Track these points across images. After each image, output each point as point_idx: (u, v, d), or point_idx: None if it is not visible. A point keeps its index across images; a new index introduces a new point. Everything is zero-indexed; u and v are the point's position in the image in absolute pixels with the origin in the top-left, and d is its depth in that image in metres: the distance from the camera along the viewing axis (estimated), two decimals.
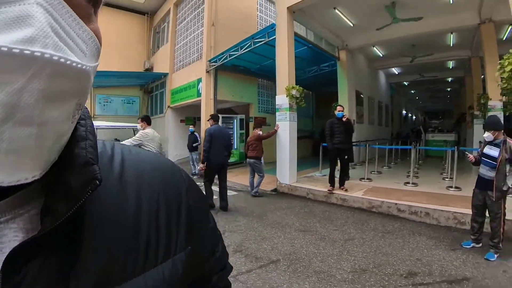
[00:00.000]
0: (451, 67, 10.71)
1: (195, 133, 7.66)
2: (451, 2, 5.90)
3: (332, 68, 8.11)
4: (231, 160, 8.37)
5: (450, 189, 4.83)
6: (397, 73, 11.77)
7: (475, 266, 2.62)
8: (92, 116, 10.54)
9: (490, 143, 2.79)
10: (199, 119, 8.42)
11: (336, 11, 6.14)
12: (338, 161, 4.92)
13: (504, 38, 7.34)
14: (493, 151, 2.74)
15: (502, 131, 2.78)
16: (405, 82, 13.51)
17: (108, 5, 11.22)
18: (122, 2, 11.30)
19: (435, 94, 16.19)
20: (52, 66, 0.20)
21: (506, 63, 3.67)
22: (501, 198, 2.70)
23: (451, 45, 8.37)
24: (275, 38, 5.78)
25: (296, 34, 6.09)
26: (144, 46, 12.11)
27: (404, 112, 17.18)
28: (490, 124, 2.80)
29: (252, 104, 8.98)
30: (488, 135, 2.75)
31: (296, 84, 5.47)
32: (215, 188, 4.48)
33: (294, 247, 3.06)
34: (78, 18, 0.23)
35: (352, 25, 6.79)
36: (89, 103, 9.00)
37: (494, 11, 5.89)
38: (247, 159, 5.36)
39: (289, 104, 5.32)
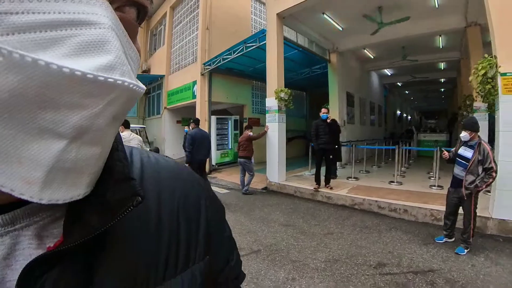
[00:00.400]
0: (442, 68, 10.92)
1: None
2: (437, 6, 6.10)
3: (324, 70, 8.32)
4: (226, 160, 8.64)
5: (433, 187, 5.03)
6: (389, 74, 11.98)
7: (443, 260, 2.79)
8: None
9: (465, 144, 2.91)
10: None
11: (325, 16, 6.35)
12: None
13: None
14: (468, 152, 2.86)
15: (478, 133, 2.90)
16: (398, 83, 13.72)
17: None
18: None
19: (429, 94, 16.41)
20: (127, 93, 0.20)
21: (480, 67, 3.79)
22: (470, 196, 2.83)
23: (441, 47, 8.56)
24: (266, 43, 5.99)
25: (286, 39, 6.31)
26: (141, 48, 12.30)
27: (398, 112, 17.40)
28: (468, 125, 2.90)
29: (246, 106, 9.20)
30: (464, 135, 2.88)
31: (290, 86, 5.69)
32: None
33: (276, 239, 3.29)
34: (130, 39, 0.24)
35: (341, 29, 7.00)
36: None
37: (480, 14, 6.05)
38: (238, 159, 5.59)
39: (278, 106, 5.54)
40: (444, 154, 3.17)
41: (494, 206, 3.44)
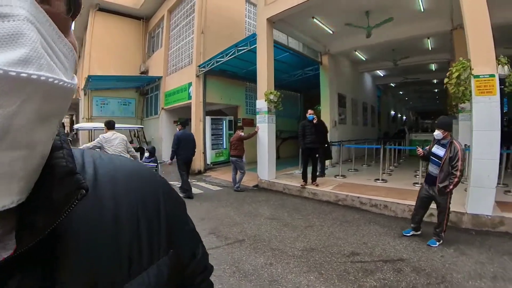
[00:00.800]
0: (434, 70, 11.15)
1: None
2: (422, 10, 6.31)
3: (316, 72, 8.55)
4: (221, 159, 8.89)
5: (416, 185, 5.19)
6: (382, 75, 12.23)
7: (414, 251, 2.96)
8: (89, 117, 10.86)
9: (438, 142, 3.02)
10: (190, 120, 8.89)
11: (315, 20, 6.58)
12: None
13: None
14: (440, 151, 2.97)
15: (451, 132, 3.01)
16: (391, 84, 13.96)
17: (105, 10, 11.72)
18: (119, 8, 11.79)
19: (423, 95, 16.64)
20: (47, 88, 0.19)
21: (454, 70, 3.90)
22: (445, 194, 2.94)
23: (430, 49, 8.76)
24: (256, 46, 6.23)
25: (277, 42, 6.55)
26: (140, 50, 12.59)
27: (393, 112, 17.62)
28: (441, 124, 3.01)
29: (240, 106, 9.44)
30: (438, 133, 2.99)
31: (284, 87, 5.86)
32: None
33: (260, 231, 3.55)
34: (60, 32, 0.23)
35: (331, 32, 7.24)
36: (86, 105, 9.31)
37: None
38: (230, 158, 5.84)
39: (268, 107, 5.79)
40: (419, 150, 3.25)
41: (469, 202, 3.65)
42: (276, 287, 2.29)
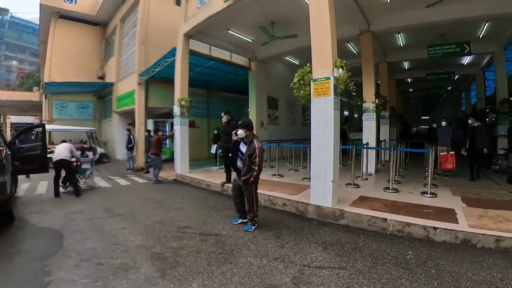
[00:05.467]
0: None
1: (130, 135, 9.10)
2: None
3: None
4: (163, 157, 9.81)
5: (305, 180, 5.69)
6: None
7: (236, 231, 3.30)
8: (50, 119, 11.81)
9: (243, 140, 3.41)
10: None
11: (230, 32, 7.34)
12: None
13: (402, 45, 8.59)
14: (243, 148, 3.36)
15: (252, 132, 3.38)
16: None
17: (66, 18, 12.45)
18: (77, 15, 12.54)
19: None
20: None
21: (296, 76, 4.23)
22: (248, 185, 3.27)
23: (356, 52, 9.43)
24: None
25: (198, 53, 7.43)
26: (98, 55, 13.36)
27: (346, 112, 18.19)
28: (243, 124, 3.38)
29: None
30: (241, 132, 3.33)
31: (229, 90, 6.29)
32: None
33: (140, 209, 4.47)
34: None
35: (251, 41, 7.99)
36: (47, 108, 10.44)
37: (371, 23, 6.68)
38: (150, 155, 6.81)
39: (181, 112, 6.74)
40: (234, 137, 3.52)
41: (311, 195, 3.98)
42: (112, 240, 3.13)
